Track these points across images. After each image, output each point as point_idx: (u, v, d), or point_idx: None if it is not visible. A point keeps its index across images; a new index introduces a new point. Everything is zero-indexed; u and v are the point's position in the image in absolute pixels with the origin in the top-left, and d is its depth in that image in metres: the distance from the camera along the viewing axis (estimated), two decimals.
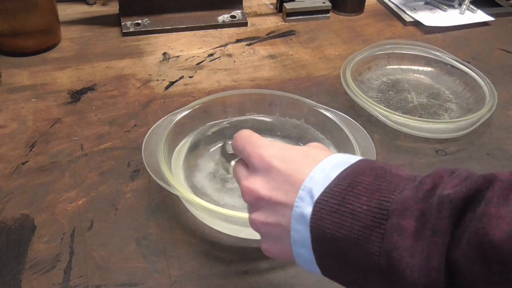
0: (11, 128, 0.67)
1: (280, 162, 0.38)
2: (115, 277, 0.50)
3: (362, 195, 0.33)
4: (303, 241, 0.35)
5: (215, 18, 0.93)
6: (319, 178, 0.35)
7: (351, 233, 0.32)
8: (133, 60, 0.82)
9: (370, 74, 0.82)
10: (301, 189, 0.35)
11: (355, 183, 0.34)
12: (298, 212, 0.35)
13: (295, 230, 0.35)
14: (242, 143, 0.42)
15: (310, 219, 0.34)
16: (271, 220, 0.38)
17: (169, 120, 0.60)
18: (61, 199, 0.57)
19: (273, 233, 0.38)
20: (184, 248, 0.53)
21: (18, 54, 0.81)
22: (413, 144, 0.70)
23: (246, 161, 0.41)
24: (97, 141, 0.66)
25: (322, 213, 0.34)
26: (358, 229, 0.32)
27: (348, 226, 0.32)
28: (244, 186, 0.39)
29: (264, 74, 0.81)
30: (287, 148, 0.40)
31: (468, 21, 1.00)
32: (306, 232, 0.35)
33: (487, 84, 0.76)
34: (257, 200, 0.39)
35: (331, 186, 0.34)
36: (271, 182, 0.38)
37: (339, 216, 0.33)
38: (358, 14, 1.02)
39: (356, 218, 0.32)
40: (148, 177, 0.60)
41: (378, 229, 0.31)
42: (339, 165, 0.36)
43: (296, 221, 0.35)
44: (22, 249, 0.52)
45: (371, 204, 0.32)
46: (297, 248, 0.36)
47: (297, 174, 0.36)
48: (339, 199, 0.33)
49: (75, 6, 0.96)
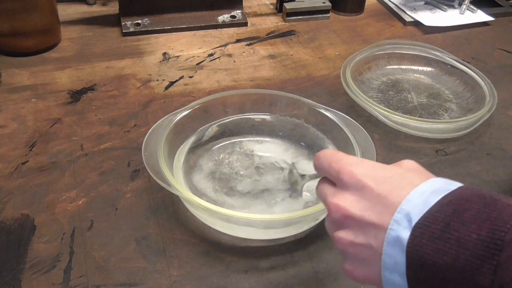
0: (11, 128, 0.67)
1: (374, 182, 0.36)
2: (115, 277, 0.50)
3: (470, 223, 0.30)
4: (396, 267, 0.33)
5: (215, 18, 0.93)
6: (417, 202, 0.33)
7: (457, 261, 0.30)
8: (133, 60, 0.82)
9: (370, 74, 0.82)
10: (397, 212, 0.33)
11: (462, 210, 0.31)
12: (392, 235, 0.33)
13: (387, 254, 0.33)
14: (327, 161, 0.39)
15: (407, 244, 0.32)
16: (360, 241, 0.36)
17: (169, 120, 0.60)
18: (61, 199, 0.57)
19: (360, 255, 0.36)
20: (184, 248, 0.53)
21: (18, 54, 0.81)
22: (413, 144, 0.70)
23: (333, 179, 0.39)
24: (97, 141, 0.66)
25: (422, 238, 0.31)
26: (465, 258, 0.30)
27: (453, 254, 0.30)
28: (332, 203, 0.37)
29: (264, 74, 0.81)
30: (380, 167, 0.37)
31: (468, 21, 1.00)
32: (401, 257, 0.32)
33: (487, 84, 0.76)
34: (345, 218, 0.36)
35: (433, 211, 0.32)
36: (362, 201, 0.36)
37: (443, 243, 0.31)
38: (358, 14, 1.02)
39: (463, 246, 0.30)
40: (148, 177, 0.60)
41: (490, 260, 0.29)
42: (440, 191, 0.33)
43: (389, 245, 0.33)
44: (22, 249, 0.52)
45: (482, 233, 0.30)
46: (388, 273, 0.34)
47: (393, 196, 0.34)
48: (443, 225, 0.31)
49: (75, 6, 0.96)
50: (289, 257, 0.53)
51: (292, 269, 0.52)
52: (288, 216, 0.50)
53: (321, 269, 0.52)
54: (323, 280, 0.51)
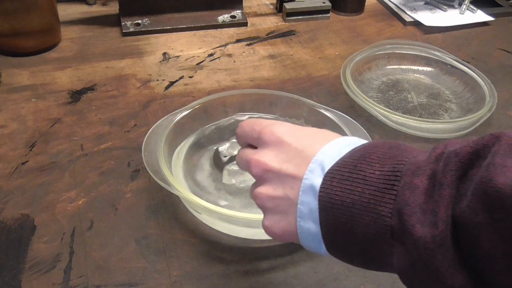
0: (11, 128, 0.67)
1: (292, 138, 0.38)
2: (115, 277, 0.50)
3: (375, 163, 0.32)
4: (311, 213, 0.34)
5: (215, 18, 0.93)
6: (331, 152, 0.35)
7: (362, 197, 0.32)
8: (133, 60, 0.82)
9: (370, 74, 0.82)
10: (311, 162, 0.35)
11: (368, 154, 0.33)
12: (307, 184, 0.34)
13: (302, 202, 0.35)
14: (249, 125, 0.41)
15: (320, 189, 0.33)
16: (278, 193, 0.37)
17: (169, 120, 0.60)
18: (61, 199, 0.57)
19: (278, 208, 0.37)
20: (184, 248, 0.53)
21: (18, 54, 0.81)
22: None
23: (255, 141, 0.41)
24: (97, 141, 0.66)
25: (332, 182, 0.33)
26: (369, 193, 0.31)
27: (359, 191, 0.32)
28: (253, 159, 0.39)
29: (264, 74, 0.81)
30: (298, 127, 0.39)
31: (468, 21, 1.00)
32: (314, 204, 0.34)
33: (487, 84, 0.76)
34: (265, 172, 0.38)
35: (344, 158, 0.34)
36: (281, 155, 0.37)
37: (350, 183, 0.32)
38: (358, 14, 1.02)
39: (368, 183, 0.32)
40: (148, 177, 0.60)
41: (390, 191, 0.31)
42: (353, 144, 0.35)
43: (304, 193, 0.35)
44: (22, 249, 0.52)
45: (384, 169, 0.32)
46: (302, 222, 0.35)
47: (309, 149, 0.36)
48: (351, 167, 0.33)
49: (75, 6, 0.96)
50: (289, 257, 0.53)
51: (292, 269, 0.52)
52: None
53: (321, 269, 0.52)
54: (323, 280, 0.51)
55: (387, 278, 0.51)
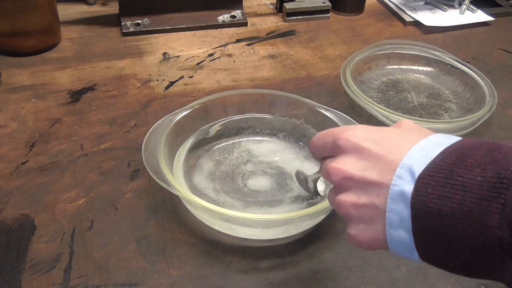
0: (11, 128, 0.67)
1: (371, 143, 0.35)
2: (115, 277, 0.50)
3: (474, 167, 0.30)
4: (401, 222, 0.32)
5: (215, 18, 0.93)
6: (419, 156, 0.32)
7: (463, 206, 0.29)
8: (133, 60, 0.82)
9: (370, 74, 0.82)
10: (399, 167, 0.33)
11: (465, 157, 0.31)
12: (396, 190, 0.32)
13: (391, 210, 0.33)
14: (321, 139, 0.40)
15: (412, 196, 0.31)
16: (363, 201, 0.35)
17: (169, 120, 0.60)
18: (61, 199, 0.57)
19: (364, 216, 0.35)
20: (184, 248, 0.53)
21: (18, 54, 0.81)
22: None
23: (331, 151, 0.38)
24: (97, 141, 0.66)
25: (426, 188, 0.31)
26: (471, 201, 0.29)
27: (459, 199, 0.29)
28: (332, 167, 0.37)
29: (264, 74, 0.81)
30: (376, 129, 0.37)
31: (468, 21, 1.00)
32: (406, 211, 0.32)
33: (487, 84, 0.76)
34: (346, 180, 0.36)
35: (436, 161, 0.31)
36: (361, 162, 0.35)
37: (448, 190, 0.30)
38: (358, 14, 1.02)
39: (468, 190, 0.29)
40: (148, 177, 0.60)
41: (497, 199, 0.28)
42: (441, 144, 0.33)
43: (393, 201, 0.32)
44: (22, 249, 0.52)
45: (487, 175, 0.29)
46: (392, 231, 0.33)
47: (393, 154, 0.34)
48: (447, 172, 0.30)
49: (75, 6, 0.96)
50: (289, 257, 0.53)
51: (292, 269, 0.52)
52: (288, 216, 0.50)
53: (321, 269, 0.52)
54: (323, 280, 0.51)
55: (387, 278, 0.51)
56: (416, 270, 0.52)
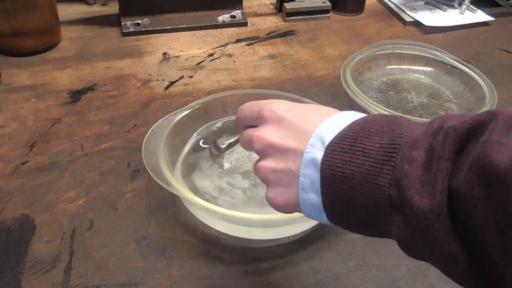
0: (11, 128, 0.67)
1: (291, 114, 0.39)
2: (115, 277, 0.50)
3: (374, 136, 0.34)
4: (312, 185, 0.36)
5: (215, 18, 0.93)
6: (330, 126, 0.36)
7: (362, 169, 0.33)
8: (133, 60, 0.82)
9: (370, 74, 0.82)
10: (312, 137, 0.36)
11: (367, 127, 0.34)
12: (308, 157, 0.36)
13: (304, 175, 0.36)
14: (249, 107, 0.43)
15: (321, 161, 0.35)
16: (280, 167, 0.38)
17: (169, 120, 0.60)
18: (61, 199, 0.57)
19: (281, 181, 0.39)
20: (184, 248, 0.53)
21: (18, 54, 0.81)
22: None
23: (255, 121, 0.42)
24: (97, 141, 0.66)
25: (334, 154, 0.34)
26: (369, 165, 0.33)
27: (359, 163, 0.33)
28: (255, 135, 0.40)
29: (264, 74, 0.81)
30: (296, 104, 0.41)
31: (468, 21, 1.00)
32: (316, 176, 0.35)
33: (487, 84, 0.76)
34: (267, 147, 0.39)
35: (343, 131, 0.35)
36: (282, 131, 0.39)
37: (350, 155, 0.34)
38: (358, 14, 1.02)
39: (367, 155, 0.33)
40: (148, 177, 0.60)
41: (389, 162, 0.32)
42: (351, 118, 0.37)
43: (306, 166, 0.36)
44: (22, 249, 0.52)
45: (383, 142, 0.33)
46: (304, 194, 0.36)
47: (309, 124, 0.37)
48: (351, 140, 0.34)
49: (75, 6, 0.96)
50: (289, 257, 0.53)
51: (292, 269, 0.52)
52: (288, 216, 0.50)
53: (321, 269, 0.52)
54: (323, 280, 0.51)
55: (387, 278, 0.51)
56: (416, 270, 0.52)
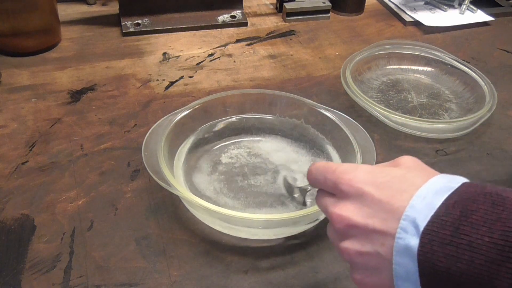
0: (11, 128, 0.67)
1: (374, 188, 0.35)
2: (115, 277, 0.50)
3: (481, 226, 0.30)
4: (409, 276, 0.32)
5: (215, 18, 0.93)
6: (421, 206, 0.33)
7: (471, 267, 0.29)
8: (133, 60, 0.82)
9: (370, 74, 0.82)
10: (402, 219, 0.33)
11: (469, 212, 0.31)
12: (401, 244, 0.32)
13: (398, 263, 0.33)
14: (321, 174, 0.39)
15: (418, 252, 0.31)
16: (367, 249, 0.35)
17: (169, 120, 0.60)
18: (61, 199, 0.57)
19: (369, 264, 0.35)
20: (184, 248, 0.53)
21: (18, 54, 0.81)
22: (413, 144, 0.70)
23: (332, 190, 0.38)
24: (97, 141, 0.66)
25: (432, 245, 0.31)
26: (480, 263, 0.29)
27: (466, 259, 0.30)
28: (335, 214, 0.37)
29: (264, 74, 0.81)
30: (378, 172, 0.36)
31: (468, 21, 1.00)
32: (413, 266, 0.32)
33: (487, 84, 0.76)
34: (349, 228, 0.36)
35: (439, 215, 0.32)
36: (364, 209, 0.35)
37: (454, 249, 0.30)
38: (358, 14, 1.02)
39: (476, 251, 0.29)
40: (148, 177, 0.60)
41: (507, 264, 0.28)
42: (442, 191, 0.33)
43: (399, 254, 0.33)
44: (22, 249, 0.52)
45: (494, 236, 0.29)
46: (401, 282, 0.33)
47: (395, 201, 0.34)
48: (452, 229, 0.31)
49: (75, 6, 0.96)
50: (289, 257, 0.53)
51: (292, 269, 0.52)
52: (288, 216, 0.50)
53: (321, 269, 0.52)
54: (323, 280, 0.51)
55: None
56: None
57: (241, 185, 0.59)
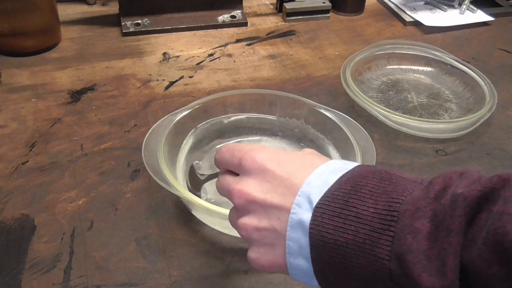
0: (11, 128, 0.67)
1: (275, 165, 0.36)
2: (115, 277, 0.50)
3: (367, 198, 0.31)
4: (301, 250, 0.33)
5: (215, 18, 0.93)
6: (317, 183, 0.33)
7: (356, 237, 0.30)
8: (133, 60, 0.82)
9: (370, 74, 0.82)
10: (298, 195, 0.33)
11: (359, 186, 0.32)
12: (295, 219, 0.33)
13: (291, 238, 0.33)
14: (229, 151, 0.39)
15: (310, 225, 0.32)
16: (264, 225, 0.35)
17: (169, 120, 0.60)
18: (61, 199, 0.57)
19: (265, 240, 0.36)
20: (184, 248, 0.53)
21: (18, 54, 0.81)
22: (413, 144, 0.70)
23: (236, 168, 0.39)
24: (97, 141, 0.66)
25: (323, 218, 0.32)
26: (364, 233, 0.30)
27: (352, 230, 0.30)
28: (235, 189, 0.37)
29: (264, 74, 0.81)
30: (281, 152, 0.38)
31: (468, 21, 1.00)
32: (305, 240, 0.32)
33: (487, 84, 0.76)
34: (249, 203, 0.36)
35: (332, 190, 0.33)
36: (265, 184, 0.36)
37: (342, 220, 0.31)
38: (358, 14, 1.02)
39: (361, 221, 0.30)
40: (148, 177, 0.60)
41: (387, 232, 0.29)
42: (338, 171, 0.34)
43: (292, 229, 0.33)
44: (22, 249, 0.52)
45: (378, 207, 0.30)
46: (292, 259, 0.34)
47: (294, 178, 0.35)
48: (342, 202, 0.32)
49: (75, 6, 0.96)
50: None
51: None
52: None
53: None
54: None
55: None
56: None
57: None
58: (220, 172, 0.41)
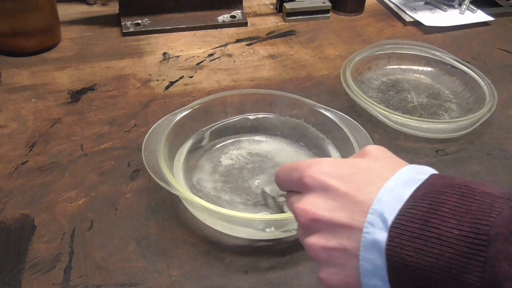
0: (11, 128, 0.67)
1: (339, 181, 0.34)
2: (115, 277, 0.50)
3: (449, 218, 0.29)
4: (376, 271, 0.31)
5: (215, 18, 0.93)
6: (389, 199, 0.31)
7: (441, 261, 0.29)
8: (133, 60, 0.82)
9: (370, 74, 0.82)
10: (369, 213, 0.32)
11: (438, 204, 0.30)
12: (369, 239, 0.31)
13: (365, 259, 0.32)
14: (287, 173, 0.38)
15: (386, 246, 0.30)
16: (333, 244, 0.33)
17: (169, 120, 0.60)
18: (61, 199, 0.57)
19: (334, 260, 0.34)
20: (184, 248, 0.53)
21: (18, 54, 0.81)
22: (413, 144, 0.70)
23: (297, 188, 0.37)
24: (97, 141, 0.66)
25: (401, 240, 0.30)
26: (449, 257, 0.28)
27: (436, 253, 0.29)
28: (298, 208, 0.35)
29: (264, 74, 0.81)
30: (342, 164, 0.35)
31: (468, 21, 1.00)
32: (381, 261, 0.31)
33: (487, 84, 0.76)
34: (313, 222, 0.34)
35: (408, 208, 0.31)
36: (329, 201, 0.34)
37: (424, 243, 0.29)
38: (358, 14, 1.02)
39: (445, 244, 0.29)
40: (148, 177, 0.60)
41: (477, 257, 0.28)
42: (411, 183, 0.32)
43: (366, 249, 0.31)
44: (22, 249, 0.52)
45: (464, 229, 0.28)
46: (367, 280, 0.32)
47: (361, 194, 0.33)
48: (421, 222, 0.30)
49: (75, 6, 0.96)
50: (289, 256, 0.53)
51: (292, 269, 0.52)
52: (288, 216, 0.50)
53: None
54: None
55: None
56: None
57: (241, 185, 0.59)
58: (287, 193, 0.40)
